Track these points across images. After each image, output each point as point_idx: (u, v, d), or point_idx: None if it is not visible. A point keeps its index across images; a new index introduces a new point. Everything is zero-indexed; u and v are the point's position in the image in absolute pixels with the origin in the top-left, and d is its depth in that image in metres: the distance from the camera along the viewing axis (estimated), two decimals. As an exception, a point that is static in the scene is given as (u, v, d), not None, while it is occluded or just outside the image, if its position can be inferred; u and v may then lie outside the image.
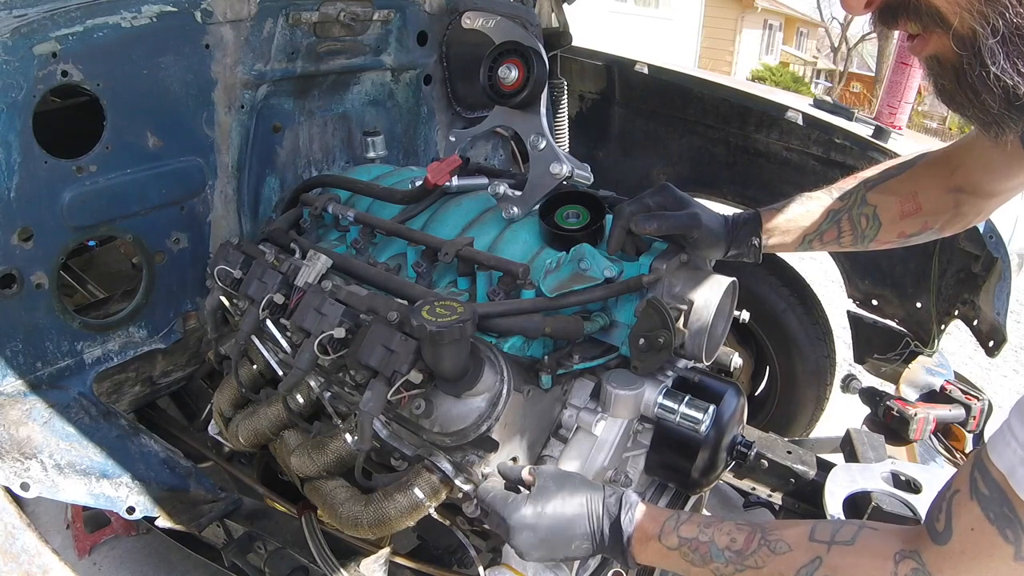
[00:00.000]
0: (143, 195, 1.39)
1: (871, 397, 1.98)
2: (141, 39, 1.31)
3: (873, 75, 18.36)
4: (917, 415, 1.83)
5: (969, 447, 1.91)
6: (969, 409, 1.89)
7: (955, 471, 0.79)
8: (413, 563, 1.46)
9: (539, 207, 1.32)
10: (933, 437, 1.88)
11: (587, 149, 2.60)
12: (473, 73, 1.58)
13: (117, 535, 2.15)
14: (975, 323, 1.88)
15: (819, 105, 2.25)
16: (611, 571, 1.01)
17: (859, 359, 2.26)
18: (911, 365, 2.03)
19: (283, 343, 1.27)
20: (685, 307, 1.17)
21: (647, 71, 2.39)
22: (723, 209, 1.35)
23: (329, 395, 1.31)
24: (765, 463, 1.76)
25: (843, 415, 2.49)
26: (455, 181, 1.44)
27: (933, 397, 1.95)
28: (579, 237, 1.25)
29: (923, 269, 1.98)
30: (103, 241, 2.12)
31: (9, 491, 1.17)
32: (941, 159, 1.19)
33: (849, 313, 2.24)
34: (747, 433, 1.72)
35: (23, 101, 1.17)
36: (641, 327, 1.15)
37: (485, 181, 1.46)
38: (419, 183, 1.43)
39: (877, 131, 2.05)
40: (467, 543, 1.23)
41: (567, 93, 2.45)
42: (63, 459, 1.26)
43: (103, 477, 1.30)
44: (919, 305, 2.04)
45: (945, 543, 0.74)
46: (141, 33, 1.31)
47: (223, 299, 1.40)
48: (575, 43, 2.46)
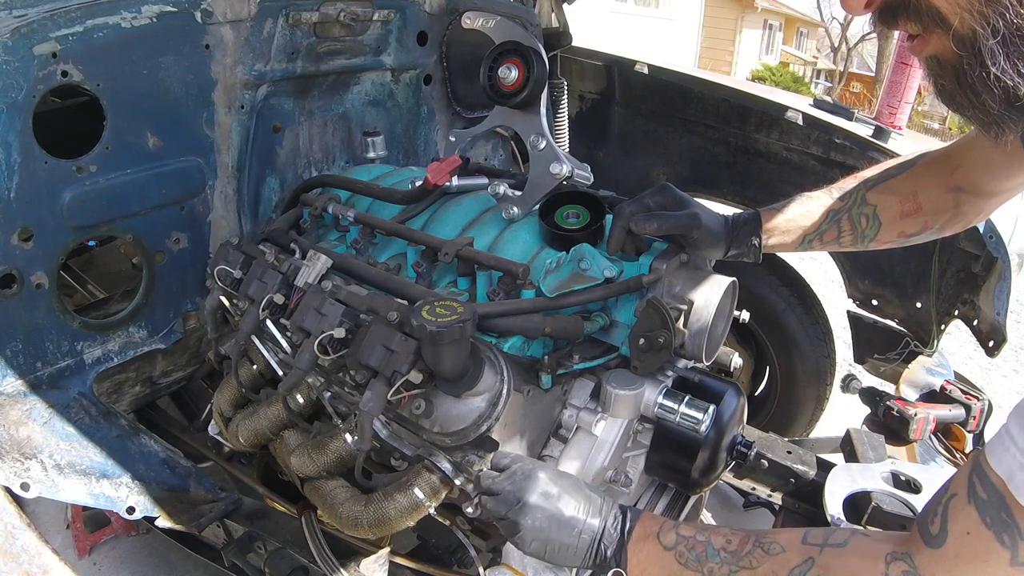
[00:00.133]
0: (143, 195, 1.39)
1: (871, 397, 1.98)
2: (141, 39, 1.31)
3: (873, 75, 18.36)
4: (917, 415, 1.83)
5: (969, 447, 1.91)
6: (969, 409, 1.89)
7: (953, 474, 0.79)
8: (413, 563, 1.46)
9: (539, 207, 1.32)
10: (933, 437, 1.88)
11: (587, 149, 2.60)
12: (473, 73, 1.58)
13: (117, 535, 2.15)
14: (975, 323, 1.88)
15: (819, 105, 2.25)
16: (611, 571, 1.01)
17: (859, 359, 2.26)
18: (911, 365, 2.03)
19: (283, 343, 1.27)
20: (685, 307, 1.17)
21: (647, 71, 2.39)
22: (723, 209, 1.35)
23: (329, 395, 1.31)
24: (765, 463, 1.76)
25: (843, 415, 2.49)
26: (455, 181, 1.44)
27: (933, 397, 1.95)
28: (579, 237, 1.25)
29: (923, 269, 1.98)
30: (103, 241, 2.12)
31: (9, 491, 1.17)
32: (941, 159, 1.19)
33: (849, 313, 2.24)
34: (747, 433, 1.72)
35: (23, 101, 1.17)
36: (641, 327, 1.15)
37: (485, 181, 1.46)
38: (419, 183, 1.43)
39: (877, 131, 2.05)
40: (467, 543, 1.23)
41: (567, 93, 2.45)
42: (63, 459, 1.26)
43: (103, 477, 1.30)
44: (919, 305, 2.04)
45: (939, 546, 0.74)
46: (141, 33, 1.31)
47: (223, 299, 1.39)
48: (575, 43, 2.46)
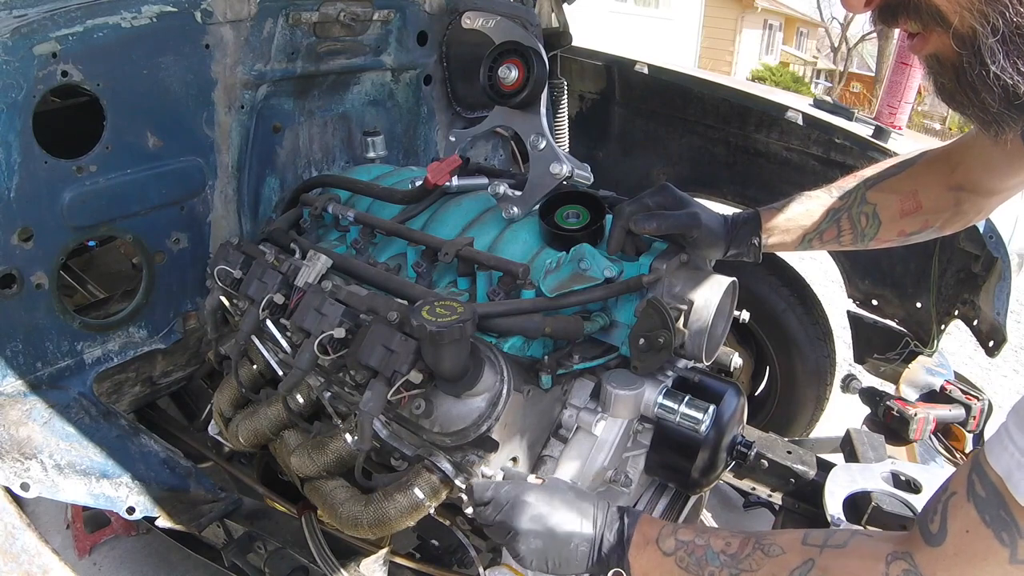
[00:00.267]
0: (143, 195, 1.39)
1: (871, 397, 1.98)
2: (141, 39, 1.31)
3: (873, 75, 18.36)
4: (917, 415, 1.83)
5: (969, 447, 1.91)
6: (969, 409, 1.89)
7: (952, 474, 0.79)
8: (413, 563, 1.46)
9: (539, 207, 1.32)
10: (933, 437, 1.88)
11: (587, 149, 2.60)
12: (473, 73, 1.58)
13: (117, 535, 2.15)
14: (975, 323, 1.88)
15: (819, 105, 2.25)
16: (611, 571, 1.01)
17: (859, 359, 2.26)
18: (911, 365, 2.03)
19: (283, 343, 1.27)
20: (685, 307, 1.17)
21: (647, 71, 2.39)
22: (723, 209, 1.35)
23: (329, 395, 1.31)
24: (765, 463, 1.76)
25: (843, 415, 2.48)
26: (455, 181, 1.44)
27: (933, 397, 1.95)
28: (579, 237, 1.25)
29: (923, 269, 1.98)
30: (103, 241, 2.12)
31: (9, 491, 1.17)
32: (941, 157, 1.18)
33: (849, 313, 2.24)
34: (747, 433, 1.72)
35: (23, 101, 1.17)
36: (641, 327, 1.15)
37: (485, 181, 1.46)
38: (419, 183, 1.43)
39: (877, 131, 2.05)
40: (467, 543, 1.23)
41: (567, 93, 2.45)
42: (63, 459, 1.26)
43: (103, 477, 1.30)
44: (919, 305, 2.04)
45: (939, 545, 0.74)
46: (141, 33, 1.31)
47: (223, 299, 1.39)
48: (575, 43, 2.46)
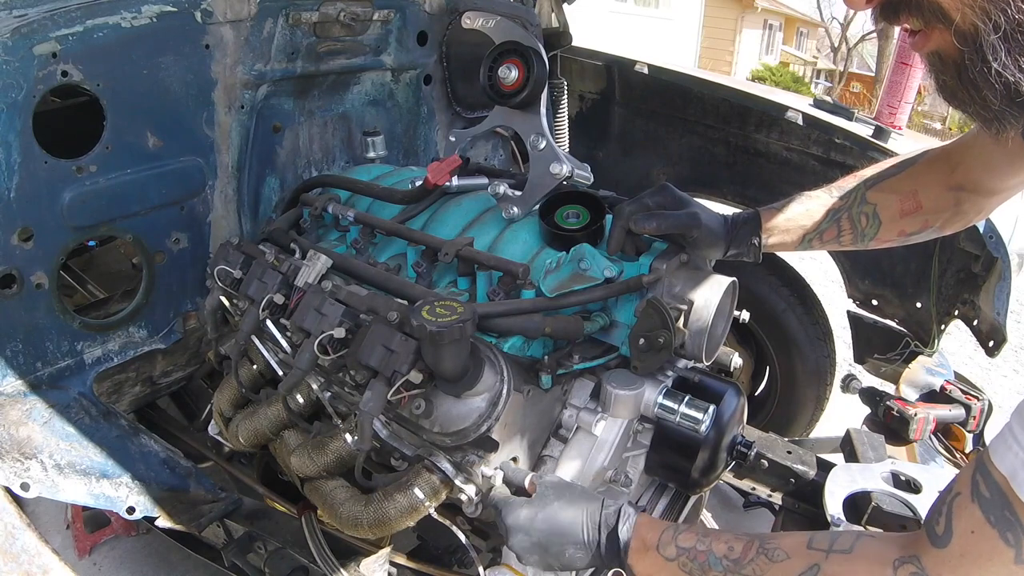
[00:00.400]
0: (143, 195, 1.39)
1: (871, 397, 1.98)
2: (141, 39, 1.31)
3: (873, 75, 18.35)
4: (917, 415, 1.83)
5: (969, 447, 1.91)
6: (969, 409, 1.89)
7: (956, 473, 0.78)
8: (413, 563, 1.46)
9: (539, 207, 1.32)
10: (933, 437, 1.88)
11: (587, 149, 2.60)
12: (473, 73, 1.58)
13: (117, 535, 2.15)
14: (975, 323, 1.88)
15: (819, 105, 2.25)
16: (611, 571, 1.01)
17: (859, 359, 2.26)
18: (911, 365, 2.03)
19: (283, 343, 1.27)
20: (685, 307, 1.17)
21: (647, 71, 2.39)
22: (723, 209, 1.35)
23: (329, 395, 1.31)
24: (765, 463, 1.76)
25: (843, 415, 2.48)
26: (455, 181, 1.44)
27: (933, 397, 1.95)
28: (579, 237, 1.25)
29: (923, 269, 1.98)
30: (103, 241, 2.12)
31: (9, 491, 1.17)
32: (941, 157, 1.18)
33: (849, 313, 2.24)
34: (747, 433, 1.72)
35: (23, 101, 1.17)
36: (641, 327, 1.15)
37: (485, 181, 1.46)
38: (419, 183, 1.43)
39: (877, 131, 2.05)
40: (467, 543, 1.23)
41: (567, 93, 2.45)
42: (63, 459, 1.26)
43: (103, 477, 1.30)
44: (919, 305, 2.04)
45: (944, 546, 0.73)
46: (141, 33, 1.31)
47: (223, 299, 1.39)
48: (575, 43, 2.46)
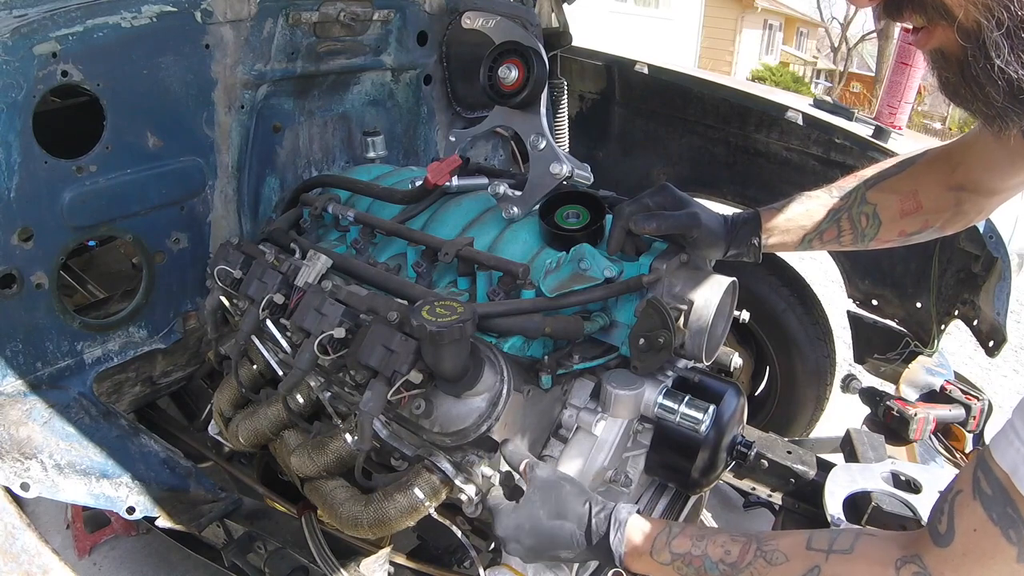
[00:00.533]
0: (143, 195, 1.39)
1: (871, 397, 1.98)
2: (141, 39, 1.31)
3: (873, 75, 18.35)
4: (917, 415, 1.83)
5: (969, 447, 1.91)
6: (969, 409, 1.89)
7: (957, 472, 0.78)
8: (413, 563, 1.46)
9: (539, 207, 1.32)
10: (933, 437, 1.88)
11: (587, 149, 2.60)
12: (473, 73, 1.58)
13: (117, 535, 2.15)
14: (975, 323, 1.88)
15: (819, 105, 2.25)
16: (611, 571, 1.01)
17: (859, 359, 2.26)
18: (911, 365, 2.03)
19: (283, 343, 1.27)
20: (685, 307, 1.17)
21: (647, 71, 2.39)
22: (723, 209, 1.35)
23: (329, 395, 1.31)
24: (765, 463, 1.76)
25: (843, 415, 2.48)
26: (455, 181, 1.44)
27: (933, 397, 1.95)
28: (579, 237, 1.25)
29: (923, 269, 1.98)
30: (103, 241, 2.12)
31: (9, 491, 1.17)
32: (942, 157, 1.18)
33: (849, 313, 2.24)
34: (747, 433, 1.72)
35: (23, 101, 1.17)
36: (641, 327, 1.15)
37: (485, 181, 1.46)
38: (419, 183, 1.43)
39: (877, 131, 2.05)
40: (467, 543, 1.23)
41: (567, 93, 2.45)
42: (63, 459, 1.26)
43: (103, 477, 1.30)
44: (919, 305, 2.04)
45: (947, 545, 0.73)
46: (141, 33, 1.31)
47: (223, 299, 1.39)
48: (575, 43, 2.46)
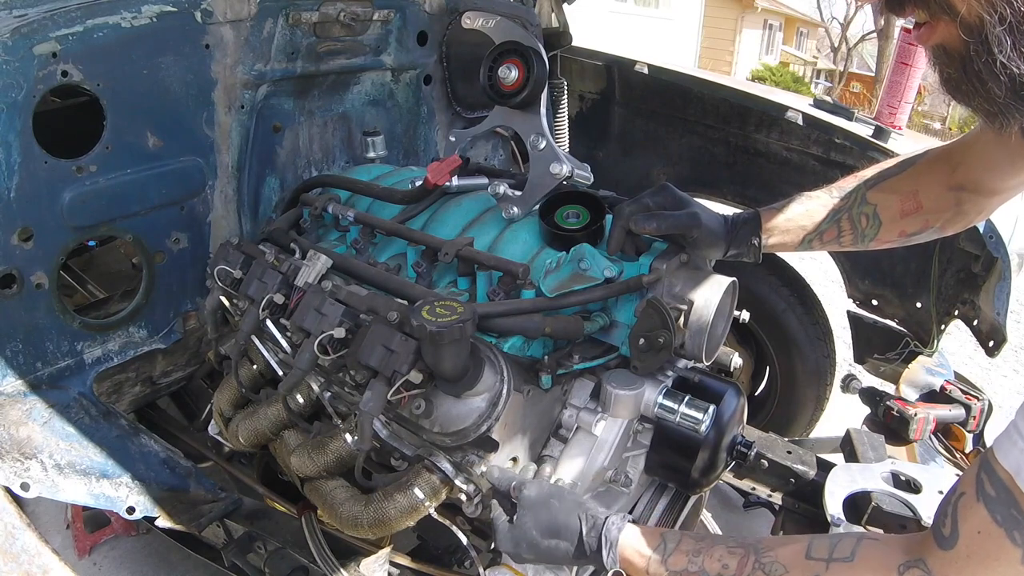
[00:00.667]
0: (143, 195, 1.39)
1: (871, 397, 1.98)
2: (141, 39, 1.31)
3: (873, 75, 18.35)
4: (917, 415, 1.83)
5: (969, 447, 1.91)
6: (969, 409, 1.89)
7: (960, 474, 0.77)
8: (413, 563, 1.46)
9: (539, 207, 1.32)
10: (933, 437, 1.88)
11: (587, 149, 2.60)
12: (473, 73, 1.58)
13: (117, 535, 2.15)
14: (975, 323, 1.88)
15: (819, 105, 2.25)
16: (611, 572, 1.01)
17: (859, 359, 2.26)
18: (911, 365, 2.03)
19: (283, 343, 1.27)
20: (685, 307, 1.17)
21: (647, 71, 2.39)
22: (723, 209, 1.35)
23: (329, 395, 1.31)
24: (765, 463, 1.76)
25: (843, 415, 2.48)
26: (455, 181, 1.44)
27: (933, 397, 1.95)
28: (579, 237, 1.25)
29: (923, 269, 1.98)
30: (103, 241, 2.12)
31: (9, 491, 1.17)
32: (942, 157, 1.18)
33: (849, 313, 2.24)
34: (747, 433, 1.72)
35: (23, 101, 1.17)
36: (641, 327, 1.15)
37: (485, 181, 1.46)
38: (419, 183, 1.43)
39: (877, 131, 2.05)
40: (467, 543, 1.23)
41: (567, 93, 2.45)
42: (63, 459, 1.26)
43: (103, 477, 1.30)
44: (919, 305, 2.04)
45: (951, 548, 0.72)
46: (141, 33, 1.31)
47: (223, 299, 1.39)
48: (575, 43, 2.46)
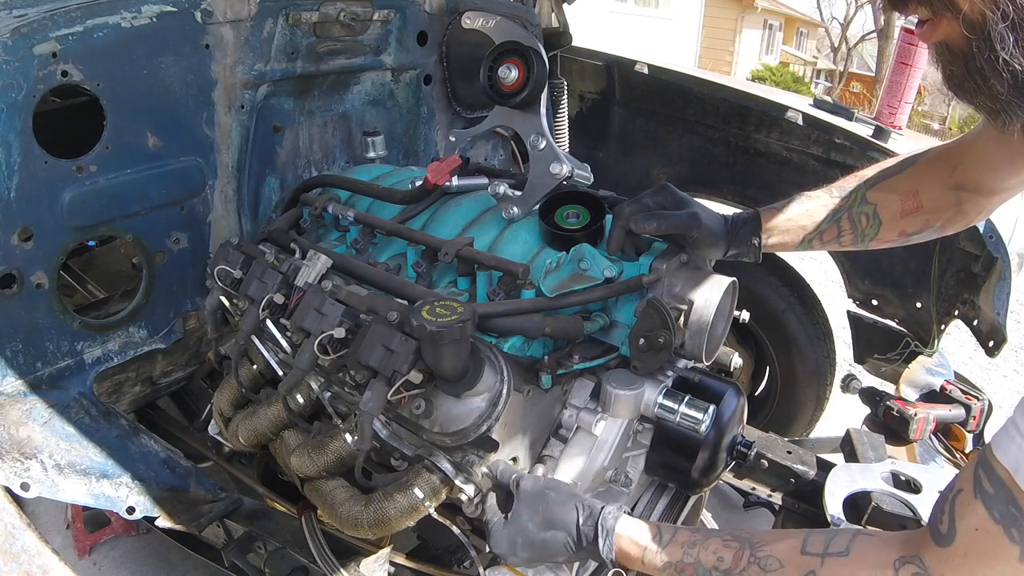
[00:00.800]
0: (143, 195, 1.39)
1: (871, 397, 1.98)
2: (141, 39, 1.31)
3: (873, 75, 18.36)
4: (917, 415, 1.83)
5: (969, 447, 1.91)
6: (969, 409, 1.89)
7: (958, 472, 0.77)
8: (413, 563, 1.46)
9: (539, 207, 1.32)
10: (933, 437, 1.88)
11: (587, 149, 2.60)
12: (473, 73, 1.58)
13: (117, 535, 2.15)
14: (975, 323, 1.88)
15: (819, 105, 2.25)
16: (611, 571, 1.01)
17: (859, 359, 2.26)
18: (911, 365, 2.03)
19: (283, 343, 1.27)
20: (685, 307, 1.17)
21: (647, 71, 2.39)
22: (723, 209, 1.35)
23: (329, 395, 1.31)
24: (765, 463, 1.76)
25: (843, 415, 2.49)
26: (455, 181, 1.44)
27: (933, 397, 1.95)
28: (579, 237, 1.25)
29: (923, 269, 1.98)
30: (103, 241, 2.12)
31: (9, 491, 1.17)
32: (942, 156, 1.18)
33: (849, 313, 2.24)
34: (747, 433, 1.72)
35: (23, 101, 1.17)
36: (641, 327, 1.15)
37: (485, 181, 1.46)
38: (419, 183, 1.43)
39: (877, 131, 2.05)
40: (467, 543, 1.23)
41: (567, 93, 2.45)
42: (63, 459, 1.26)
43: (103, 477, 1.30)
44: (919, 305, 2.04)
45: (948, 545, 0.72)
46: (141, 33, 1.31)
47: (223, 299, 1.39)
48: (575, 43, 2.46)
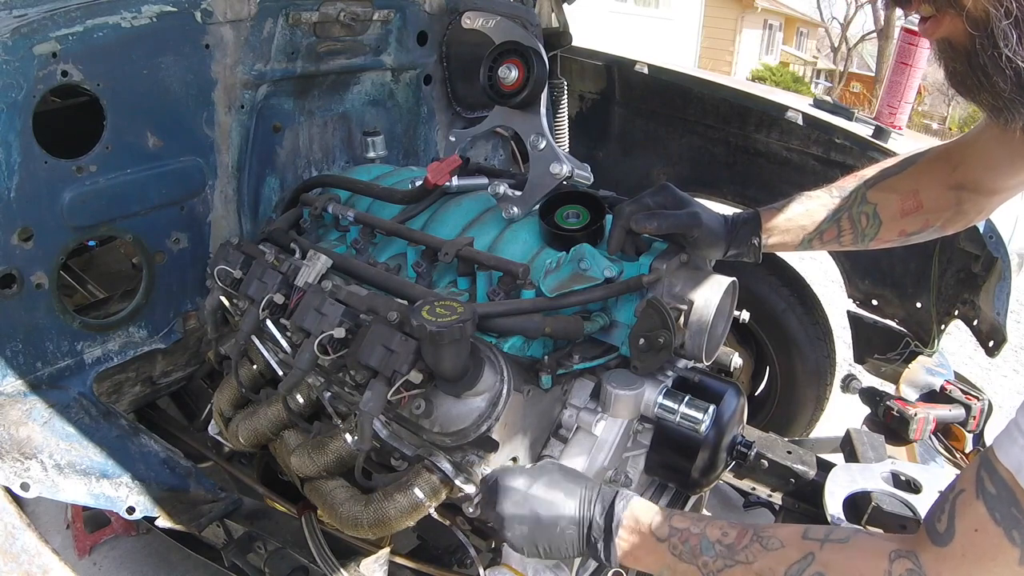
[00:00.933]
0: (143, 195, 1.39)
1: (871, 397, 1.98)
2: (141, 39, 1.31)
3: (873, 75, 18.37)
4: (917, 415, 1.83)
5: (969, 447, 1.91)
6: (969, 409, 1.89)
7: (959, 472, 0.77)
8: (413, 563, 1.46)
9: (539, 207, 1.32)
10: (933, 437, 1.88)
11: (587, 149, 2.60)
12: (473, 73, 1.58)
13: (117, 535, 2.15)
14: (975, 323, 1.88)
15: (819, 105, 2.25)
16: (611, 571, 1.01)
17: (859, 359, 2.26)
18: (911, 365, 2.03)
19: (283, 343, 1.27)
20: (685, 307, 1.17)
21: (647, 71, 2.39)
22: (723, 209, 1.35)
23: (329, 395, 1.31)
24: (765, 463, 1.76)
25: (843, 415, 2.49)
26: (455, 181, 1.44)
27: (933, 397, 1.95)
28: (579, 237, 1.25)
29: (923, 269, 1.98)
30: (103, 241, 2.12)
31: (9, 491, 1.17)
32: (942, 156, 1.18)
33: (849, 313, 2.24)
34: (747, 433, 1.72)
35: (23, 101, 1.17)
36: (641, 327, 1.15)
37: (485, 181, 1.46)
38: (419, 183, 1.43)
39: (877, 131, 2.05)
40: (467, 543, 1.23)
41: (567, 93, 2.45)
42: (63, 459, 1.26)
43: (103, 477, 1.30)
44: (919, 305, 2.04)
45: (946, 544, 0.72)
46: (141, 33, 1.31)
47: (223, 299, 1.39)
48: (575, 43, 2.46)
